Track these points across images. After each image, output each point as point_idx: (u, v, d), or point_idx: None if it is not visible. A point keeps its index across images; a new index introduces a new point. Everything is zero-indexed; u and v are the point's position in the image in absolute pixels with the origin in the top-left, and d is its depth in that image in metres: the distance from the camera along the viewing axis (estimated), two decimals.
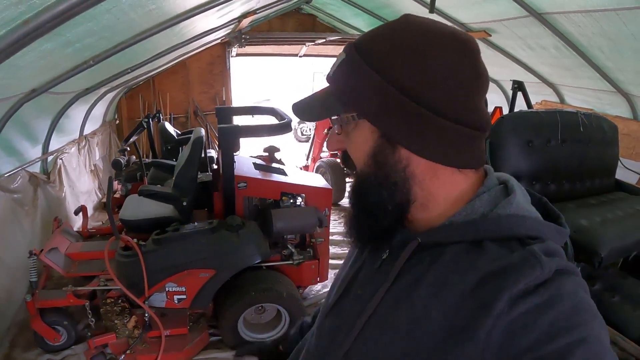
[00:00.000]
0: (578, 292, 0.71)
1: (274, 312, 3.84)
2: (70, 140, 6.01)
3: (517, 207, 0.81)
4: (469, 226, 0.81)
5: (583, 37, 4.79)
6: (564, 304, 0.67)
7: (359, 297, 0.92)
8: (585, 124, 2.88)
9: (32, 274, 3.50)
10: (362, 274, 0.97)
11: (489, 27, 6.04)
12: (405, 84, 0.78)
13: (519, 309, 0.67)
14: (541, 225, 0.81)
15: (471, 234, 0.80)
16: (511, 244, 0.77)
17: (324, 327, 1.00)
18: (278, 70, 24.60)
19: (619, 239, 2.47)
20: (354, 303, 0.93)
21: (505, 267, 0.72)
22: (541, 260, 0.71)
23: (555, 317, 0.66)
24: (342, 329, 0.91)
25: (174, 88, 9.77)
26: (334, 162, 7.72)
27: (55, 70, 3.26)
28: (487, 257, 0.76)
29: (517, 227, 0.78)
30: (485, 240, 0.79)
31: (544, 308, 0.67)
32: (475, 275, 0.74)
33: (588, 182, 2.98)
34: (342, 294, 0.98)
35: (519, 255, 0.73)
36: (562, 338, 0.64)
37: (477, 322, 0.69)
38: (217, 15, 4.94)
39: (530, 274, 0.69)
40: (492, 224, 0.79)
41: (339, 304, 0.98)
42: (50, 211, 4.85)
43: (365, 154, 0.87)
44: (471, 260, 0.77)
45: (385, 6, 7.77)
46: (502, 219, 0.80)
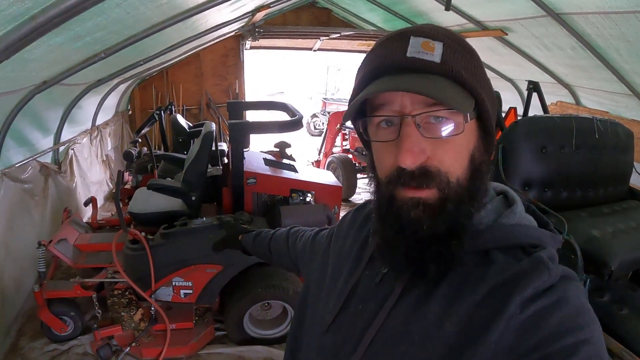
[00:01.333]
0: (580, 296, 0.74)
1: (280, 309, 3.84)
2: (82, 131, 6.04)
3: (520, 217, 0.85)
4: (475, 237, 0.81)
5: (600, 39, 4.72)
6: (570, 307, 0.71)
7: (361, 312, 0.91)
8: (600, 130, 2.83)
9: (41, 265, 3.53)
10: (360, 289, 0.96)
11: (505, 26, 5.97)
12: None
13: (530, 311, 0.70)
14: (540, 233, 0.84)
15: (479, 244, 0.81)
16: (516, 253, 0.80)
17: (325, 343, 0.97)
18: (292, 64, 24.60)
19: (630, 251, 2.42)
20: (355, 318, 0.92)
21: (514, 275, 0.74)
22: (549, 266, 0.74)
23: (562, 318, 0.69)
24: (346, 345, 0.90)
25: (187, 79, 9.77)
26: (345, 157, 7.72)
27: (66, 63, 3.27)
28: (496, 268, 0.77)
29: (521, 236, 0.81)
30: (492, 250, 0.80)
31: (552, 309, 0.70)
32: (486, 286, 0.75)
33: (601, 189, 2.93)
34: (341, 310, 0.96)
35: (527, 263, 0.76)
36: (569, 337, 0.67)
37: (490, 327, 0.70)
38: (230, 9, 4.92)
39: (539, 279, 0.72)
40: (498, 234, 0.82)
41: (339, 320, 0.96)
42: (60, 201, 4.88)
43: (466, 157, 0.80)
44: (481, 271, 0.78)
45: (401, 2, 7.70)
46: (507, 228, 0.82)
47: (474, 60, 0.81)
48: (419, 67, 0.76)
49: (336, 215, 4.14)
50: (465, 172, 0.79)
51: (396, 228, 0.81)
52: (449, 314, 0.76)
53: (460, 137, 0.77)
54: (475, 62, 0.81)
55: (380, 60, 0.80)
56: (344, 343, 0.91)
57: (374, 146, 0.86)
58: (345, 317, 0.95)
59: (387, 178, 0.81)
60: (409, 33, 0.79)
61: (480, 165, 0.81)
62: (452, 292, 0.78)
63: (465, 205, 0.79)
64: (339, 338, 0.94)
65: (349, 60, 16.72)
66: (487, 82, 0.82)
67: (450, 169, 0.77)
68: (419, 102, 0.76)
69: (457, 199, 0.78)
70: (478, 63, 0.82)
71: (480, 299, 0.74)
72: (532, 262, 0.75)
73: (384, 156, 0.82)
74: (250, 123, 3.81)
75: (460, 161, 0.79)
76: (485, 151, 0.84)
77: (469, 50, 0.81)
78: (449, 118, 0.76)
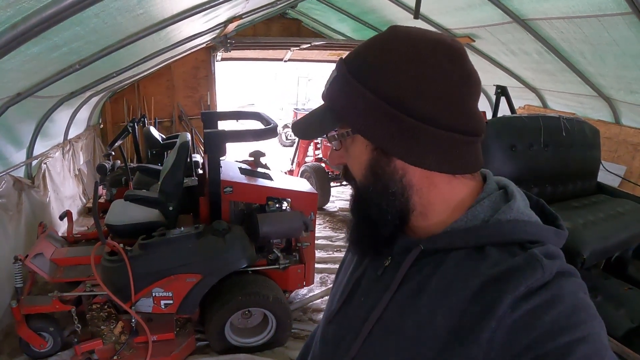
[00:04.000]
0: (578, 292, 0.73)
1: (261, 316, 3.84)
2: (54, 145, 5.96)
3: (518, 213, 0.82)
4: (470, 232, 0.82)
5: (565, 43, 4.87)
6: (564, 304, 0.69)
7: (363, 304, 0.93)
8: (567, 128, 2.93)
9: (18, 280, 3.47)
10: (364, 281, 0.98)
11: (472, 33, 6.11)
12: (395, 96, 0.79)
13: (522, 310, 0.69)
14: (541, 229, 0.82)
15: (473, 240, 0.81)
16: (512, 249, 0.78)
17: (328, 334, 1.01)
18: (263, 75, 24.56)
19: (600, 240, 2.52)
20: (357, 310, 0.94)
21: (507, 270, 0.73)
22: (542, 262, 0.72)
23: (556, 316, 0.67)
24: (347, 336, 0.93)
25: (159, 92, 9.72)
26: (318, 166, 7.75)
27: (41, 74, 3.24)
28: (489, 262, 0.77)
29: (517, 232, 0.80)
30: (487, 245, 0.80)
31: (545, 307, 0.68)
32: (477, 280, 0.75)
33: (570, 185, 3.04)
34: (345, 302, 1.00)
35: (520, 258, 0.74)
36: (563, 336, 0.65)
37: (481, 325, 0.70)
38: (203, 20, 4.93)
39: (531, 276, 0.71)
40: (493, 230, 0.81)
41: (342, 311, 0.99)
42: (34, 216, 4.81)
43: (363, 166, 0.89)
44: (473, 265, 0.78)
45: (371, 12, 7.81)
46: (503, 224, 0.81)
47: (352, 86, 0.84)
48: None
49: (312, 222, 4.17)
50: (365, 176, 0.89)
51: None
52: (440, 307, 0.77)
53: (354, 148, 0.90)
54: (352, 86, 0.84)
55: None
56: (346, 334, 0.94)
57: None
58: (349, 308, 0.98)
59: None
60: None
61: (382, 171, 0.86)
62: (444, 286, 0.79)
63: (372, 201, 0.89)
64: (342, 328, 0.96)
65: (320, 71, 16.81)
66: (370, 102, 0.82)
67: (355, 173, 0.92)
68: None
69: (363, 195, 0.91)
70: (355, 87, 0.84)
71: (471, 294, 0.74)
72: (525, 259, 0.74)
73: None
74: (227, 132, 3.82)
75: (359, 167, 0.90)
76: (390, 159, 0.86)
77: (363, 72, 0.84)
78: (337, 137, 0.91)
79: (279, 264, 3.93)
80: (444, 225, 0.85)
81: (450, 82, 0.79)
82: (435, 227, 0.86)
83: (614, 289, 2.75)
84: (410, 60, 0.80)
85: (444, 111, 0.79)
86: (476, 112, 0.83)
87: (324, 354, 1.01)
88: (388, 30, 0.87)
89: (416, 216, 0.87)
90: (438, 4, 5.87)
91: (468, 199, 0.86)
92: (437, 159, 0.81)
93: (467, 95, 0.81)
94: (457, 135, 0.80)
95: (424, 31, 0.85)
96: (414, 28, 0.86)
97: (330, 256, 5.89)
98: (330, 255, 5.91)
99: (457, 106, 0.80)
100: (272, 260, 3.98)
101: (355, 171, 0.92)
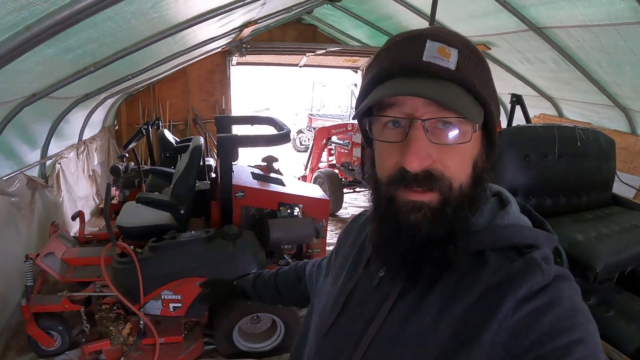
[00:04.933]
0: (575, 296, 0.74)
1: (269, 322, 3.82)
2: (69, 145, 6.01)
3: (514, 218, 0.85)
4: (471, 238, 0.82)
5: (582, 52, 4.83)
6: (563, 306, 0.71)
7: (359, 316, 0.92)
8: (582, 138, 2.90)
9: (28, 278, 3.49)
10: (357, 293, 0.97)
11: (488, 41, 6.08)
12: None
13: (523, 312, 0.70)
14: (535, 233, 0.84)
15: (473, 245, 0.82)
16: (510, 254, 0.80)
17: (324, 347, 0.98)
18: (278, 80, 24.67)
19: (614, 254, 2.48)
20: (354, 322, 0.92)
21: (508, 276, 0.75)
22: (542, 267, 0.74)
23: (555, 318, 0.69)
24: (345, 349, 0.91)
25: (174, 95, 9.79)
26: (332, 172, 7.74)
27: (56, 76, 3.27)
28: (490, 269, 0.78)
29: (515, 236, 0.82)
30: (487, 250, 0.81)
31: (545, 309, 0.70)
32: (480, 286, 0.76)
33: (584, 196, 3.00)
34: (340, 314, 0.98)
35: (520, 263, 0.76)
36: (562, 337, 0.67)
37: (484, 327, 0.71)
38: (218, 25, 4.96)
39: (532, 280, 0.73)
40: (492, 235, 0.82)
41: (337, 324, 0.97)
42: (47, 215, 4.84)
43: (470, 164, 0.81)
44: (475, 273, 0.79)
45: (386, 18, 7.81)
46: (501, 229, 0.83)
47: (486, 69, 0.83)
48: (434, 72, 0.77)
49: (324, 229, 4.15)
50: (467, 179, 0.80)
51: (394, 229, 0.82)
52: (445, 315, 0.77)
53: (466, 144, 0.78)
54: (487, 71, 0.83)
55: (394, 61, 0.81)
56: (343, 346, 0.92)
57: (378, 145, 0.86)
58: (344, 320, 0.96)
59: (388, 178, 0.81)
60: (426, 36, 0.79)
61: (482, 173, 0.83)
62: (447, 294, 0.79)
63: (464, 211, 0.80)
64: (338, 341, 0.94)
65: (335, 77, 16.83)
66: (495, 92, 0.84)
67: (454, 175, 0.79)
68: (430, 106, 0.76)
69: (457, 204, 0.79)
70: (489, 73, 0.84)
71: (474, 300, 0.75)
72: (525, 263, 0.75)
73: (387, 156, 0.82)
74: (239, 137, 3.82)
75: (464, 168, 0.80)
76: (488, 159, 0.85)
77: (481, 59, 0.83)
78: (457, 125, 0.77)
79: None
80: None
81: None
82: None
83: (626, 304, 2.70)
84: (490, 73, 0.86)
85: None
86: None
87: None
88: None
89: None
90: (453, 12, 5.85)
91: None
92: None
93: None
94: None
95: None
96: None
97: None
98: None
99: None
100: (282, 265, 3.95)
101: (457, 170, 0.79)
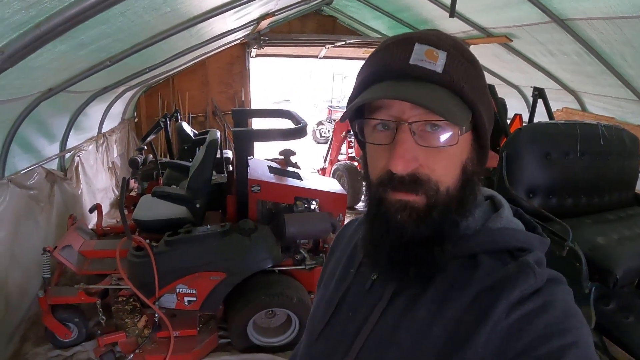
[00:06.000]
0: (568, 299, 0.75)
1: (284, 316, 3.83)
2: (88, 138, 6.07)
3: (507, 221, 0.85)
4: (463, 242, 0.82)
5: (605, 44, 4.71)
6: (556, 309, 0.71)
7: (351, 320, 0.91)
8: (605, 136, 2.82)
9: (45, 271, 3.54)
10: (349, 296, 0.96)
11: (510, 32, 5.97)
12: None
13: (516, 315, 0.70)
14: (528, 237, 0.84)
15: (466, 249, 0.82)
16: (503, 257, 0.80)
17: (316, 351, 0.98)
18: (298, 71, 24.66)
19: (635, 258, 2.40)
20: (346, 325, 0.92)
21: (501, 279, 0.75)
22: (535, 270, 0.74)
23: (548, 321, 0.69)
24: (337, 352, 0.91)
25: (193, 87, 9.80)
26: (350, 165, 7.72)
27: (71, 71, 3.28)
28: (483, 272, 0.78)
29: (508, 239, 0.82)
30: (480, 254, 0.81)
31: (538, 312, 0.70)
32: (472, 290, 0.76)
33: (606, 196, 2.92)
34: (332, 317, 0.97)
35: (513, 266, 0.76)
36: (555, 340, 0.66)
37: (477, 330, 0.71)
38: (234, 17, 4.94)
39: (525, 283, 0.73)
40: (485, 238, 0.82)
41: (329, 327, 0.97)
42: (66, 208, 4.90)
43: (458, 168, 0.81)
44: (468, 275, 0.78)
45: (406, 9, 7.72)
46: (494, 232, 0.83)
47: (476, 72, 0.81)
48: (421, 75, 0.76)
49: (341, 223, 4.13)
50: (455, 182, 0.80)
51: (383, 230, 0.82)
52: (437, 318, 0.77)
53: (454, 147, 0.78)
54: (477, 73, 0.81)
55: (382, 64, 0.80)
56: (335, 350, 0.91)
57: (369, 148, 0.86)
58: (336, 324, 0.95)
59: (378, 180, 0.82)
60: (415, 39, 0.78)
61: (472, 176, 0.82)
62: (439, 297, 0.79)
63: (452, 214, 0.80)
64: (330, 345, 0.94)
65: (355, 68, 16.75)
66: (486, 94, 0.83)
67: (440, 178, 0.78)
68: (417, 109, 0.76)
69: (444, 207, 0.79)
70: (479, 75, 0.82)
71: (467, 303, 0.75)
72: (518, 266, 0.76)
73: (377, 158, 0.82)
74: (254, 131, 3.82)
75: (452, 171, 0.80)
76: (478, 162, 0.85)
77: (471, 61, 0.81)
78: (445, 128, 0.77)
79: (305, 264, 3.90)
80: None
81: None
82: None
83: None
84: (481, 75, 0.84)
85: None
86: None
87: None
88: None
89: None
90: (474, 3, 5.74)
91: None
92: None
93: None
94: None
95: None
96: None
97: None
98: None
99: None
100: (298, 260, 3.95)
101: (444, 174, 0.79)
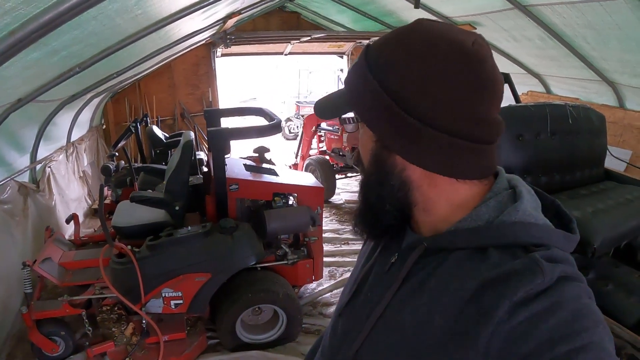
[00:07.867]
0: (580, 298, 0.70)
1: (271, 312, 3.84)
2: (57, 148, 5.96)
3: (524, 214, 0.79)
4: (473, 233, 0.80)
5: (568, 28, 4.83)
6: (564, 311, 0.66)
7: (369, 299, 0.94)
8: (573, 115, 2.92)
9: (27, 285, 3.46)
10: (372, 276, 0.99)
11: (474, 21, 6.07)
12: (401, 93, 0.78)
13: (519, 317, 0.67)
14: (548, 232, 0.79)
15: (475, 240, 0.80)
16: (515, 251, 0.76)
17: (338, 326, 1.02)
18: (264, 69, 24.54)
19: (610, 228, 2.51)
20: (363, 305, 0.95)
21: (505, 273, 0.72)
22: (542, 267, 0.70)
23: (555, 325, 0.65)
24: (353, 330, 0.93)
25: (160, 90, 9.71)
26: (323, 159, 7.73)
27: (42, 79, 3.23)
28: (489, 264, 0.75)
29: (521, 234, 0.77)
30: (490, 247, 0.78)
31: (544, 315, 0.66)
32: (475, 281, 0.74)
33: (578, 173, 3.03)
34: (354, 295, 1.01)
35: (520, 262, 0.72)
36: (562, 346, 0.63)
37: (478, 329, 0.69)
38: (202, 17, 4.91)
39: (530, 281, 0.69)
40: (495, 232, 0.79)
41: (351, 305, 1.01)
42: (41, 220, 4.81)
43: (368, 154, 0.91)
44: (473, 266, 0.77)
45: (370, 2, 7.76)
46: (506, 226, 0.78)
47: (355, 71, 0.89)
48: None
49: (319, 216, 4.16)
50: (369, 163, 0.91)
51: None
52: (438, 306, 0.77)
53: (363, 134, 0.93)
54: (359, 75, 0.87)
55: None
56: (352, 327, 0.95)
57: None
58: (356, 303, 0.99)
59: None
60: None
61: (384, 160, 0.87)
62: (441, 285, 0.79)
63: (373, 188, 0.91)
64: (349, 322, 0.98)
65: (320, 63, 16.77)
66: (376, 93, 0.82)
67: (363, 158, 0.95)
68: None
69: (367, 180, 0.93)
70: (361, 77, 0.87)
71: (468, 296, 0.73)
72: (525, 263, 0.72)
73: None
74: (230, 129, 3.80)
75: (365, 153, 0.92)
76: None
77: (360, 59, 0.90)
78: (353, 120, 0.96)
79: (287, 259, 3.93)
80: (448, 223, 0.84)
81: (458, 85, 0.76)
82: (440, 223, 0.86)
83: (624, 277, 2.72)
84: (421, 57, 0.78)
85: (446, 114, 0.77)
86: (486, 119, 0.80)
87: (332, 345, 1.02)
88: (413, 23, 0.84)
89: (419, 210, 0.89)
90: None
91: (473, 199, 0.84)
92: (437, 161, 0.80)
93: (477, 102, 0.78)
94: (460, 141, 0.78)
95: (448, 29, 0.81)
96: (441, 24, 0.83)
97: (338, 249, 5.87)
98: (338, 249, 5.89)
99: (461, 111, 0.77)
100: (280, 256, 3.98)
101: (363, 157, 0.94)
